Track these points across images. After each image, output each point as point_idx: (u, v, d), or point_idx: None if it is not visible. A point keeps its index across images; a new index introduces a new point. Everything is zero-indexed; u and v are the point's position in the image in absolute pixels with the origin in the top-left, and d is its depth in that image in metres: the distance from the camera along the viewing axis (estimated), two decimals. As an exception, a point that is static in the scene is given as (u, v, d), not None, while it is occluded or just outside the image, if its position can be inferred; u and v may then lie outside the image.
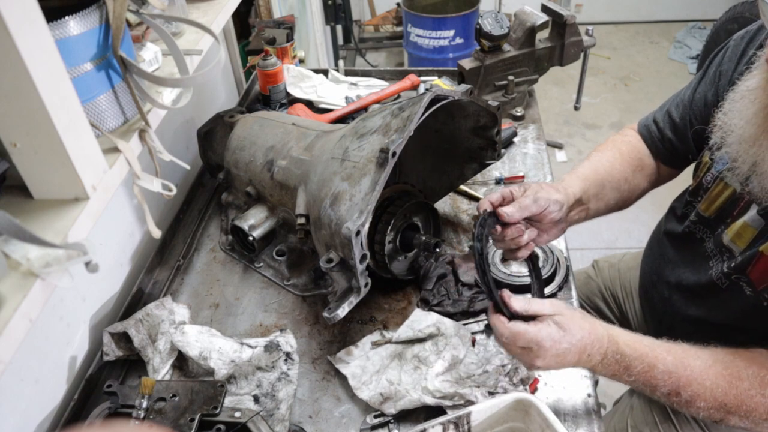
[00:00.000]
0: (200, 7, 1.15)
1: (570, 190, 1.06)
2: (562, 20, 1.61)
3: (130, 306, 1.19)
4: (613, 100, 3.96)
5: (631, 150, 1.19)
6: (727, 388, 0.85)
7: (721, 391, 0.85)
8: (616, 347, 0.87)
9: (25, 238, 0.61)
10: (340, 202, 0.97)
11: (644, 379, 0.87)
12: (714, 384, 0.86)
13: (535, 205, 0.98)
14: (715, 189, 1.01)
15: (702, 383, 0.86)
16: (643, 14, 4.79)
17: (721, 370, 0.87)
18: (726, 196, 0.98)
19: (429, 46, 3.51)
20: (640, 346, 0.88)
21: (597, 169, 1.13)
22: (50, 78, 0.63)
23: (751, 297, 0.93)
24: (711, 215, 1.02)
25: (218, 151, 1.40)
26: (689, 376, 0.86)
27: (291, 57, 1.87)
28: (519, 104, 1.69)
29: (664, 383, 0.87)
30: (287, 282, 1.24)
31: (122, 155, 0.79)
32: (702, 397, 0.86)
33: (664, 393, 0.88)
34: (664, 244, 1.17)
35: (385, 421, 0.97)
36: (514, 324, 0.86)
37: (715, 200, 1.01)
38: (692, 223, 1.07)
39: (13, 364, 0.91)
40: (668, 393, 0.87)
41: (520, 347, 0.86)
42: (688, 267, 1.08)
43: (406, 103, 1.02)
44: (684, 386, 0.86)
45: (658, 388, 0.87)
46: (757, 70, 0.85)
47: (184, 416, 0.90)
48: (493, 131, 1.19)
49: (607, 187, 1.13)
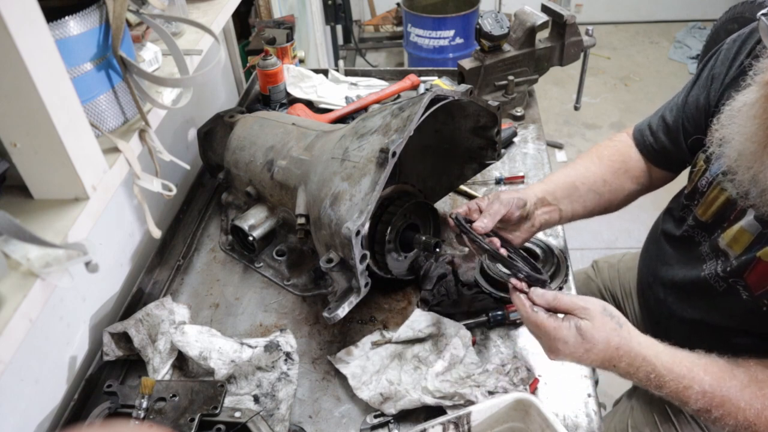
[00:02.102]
0: (200, 7, 1.16)
1: (530, 191, 1.11)
2: (562, 20, 1.61)
3: (130, 306, 1.19)
4: (613, 100, 3.96)
5: (613, 153, 1.20)
6: (760, 409, 0.84)
7: (754, 412, 0.84)
8: (653, 368, 0.85)
9: (25, 238, 0.61)
10: (340, 202, 0.97)
11: (676, 396, 0.86)
12: (748, 405, 0.85)
13: (503, 206, 1.02)
14: (711, 194, 1.01)
15: (736, 404, 0.85)
16: (643, 14, 4.79)
17: (756, 391, 0.85)
18: (722, 201, 0.98)
19: (429, 46, 3.51)
20: (679, 368, 0.85)
21: (567, 173, 1.17)
22: (50, 78, 0.63)
23: (749, 301, 0.93)
24: (708, 220, 1.02)
25: (218, 151, 1.40)
26: (724, 396, 0.85)
27: (291, 57, 1.87)
28: (519, 104, 1.69)
29: (696, 401, 0.85)
30: (287, 282, 1.24)
31: (122, 155, 0.79)
32: (733, 416, 0.85)
33: (694, 409, 0.87)
34: (661, 245, 1.17)
35: (385, 421, 0.97)
36: (534, 312, 0.85)
37: (711, 205, 1.01)
38: (690, 228, 1.07)
39: (13, 364, 0.91)
40: (698, 410, 0.86)
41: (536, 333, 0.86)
42: (682, 266, 1.08)
43: (406, 103, 1.02)
44: (717, 406, 0.85)
45: (690, 404, 0.86)
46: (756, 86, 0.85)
47: (184, 416, 0.90)
48: (493, 131, 1.19)
49: (581, 189, 1.14)
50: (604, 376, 2.19)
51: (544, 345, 0.86)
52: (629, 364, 0.84)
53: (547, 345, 0.85)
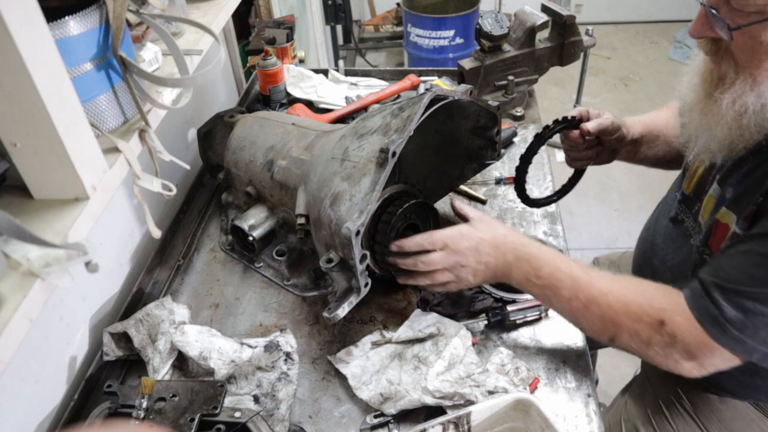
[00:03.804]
0: (200, 7, 1.16)
1: (632, 129, 1.21)
2: (562, 20, 1.61)
3: (130, 306, 1.19)
4: (613, 100, 3.96)
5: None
6: (624, 303, 0.89)
7: (618, 302, 0.89)
8: (528, 250, 0.97)
9: (25, 238, 0.61)
10: (340, 202, 0.97)
11: (550, 282, 0.93)
12: (613, 296, 0.89)
13: (611, 125, 1.16)
14: (693, 166, 1.06)
15: (599, 289, 0.90)
16: (643, 14, 4.79)
17: (621, 288, 0.90)
18: (701, 172, 1.03)
19: (429, 46, 3.51)
20: (550, 253, 0.97)
21: (656, 121, 1.26)
22: (50, 78, 0.63)
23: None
24: (691, 193, 1.06)
25: (218, 151, 1.40)
26: (589, 281, 0.91)
27: (291, 57, 1.87)
28: (519, 104, 1.69)
29: (566, 286, 0.92)
30: (287, 282, 1.24)
31: (122, 155, 0.79)
32: (597, 303, 0.90)
33: (565, 297, 0.92)
34: (655, 231, 1.19)
35: (385, 421, 0.97)
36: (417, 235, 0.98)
37: (693, 177, 1.06)
38: (678, 204, 1.11)
39: (13, 364, 0.91)
40: (569, 298, 0.92)
41: (443, 268, 0.98)
42: (673, 250, 1.10)
43: (406, 103, 1.02)
44: (583, 289, 0.91)
45: (561, 290, 0.92)
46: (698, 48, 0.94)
47: (184, 416, 0.90)
48: (493, 131, 1.19)
49: (660, 139, 1.24)
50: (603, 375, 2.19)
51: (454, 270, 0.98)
52: (517, 257, 0.96)
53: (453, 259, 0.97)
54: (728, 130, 0.87)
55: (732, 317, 0.81)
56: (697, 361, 0.85)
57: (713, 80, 0.90)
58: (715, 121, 0.89)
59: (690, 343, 0.84)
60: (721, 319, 0.82)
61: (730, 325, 0.81)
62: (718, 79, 0.88)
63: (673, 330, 0.85)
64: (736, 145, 0.88)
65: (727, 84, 0.86)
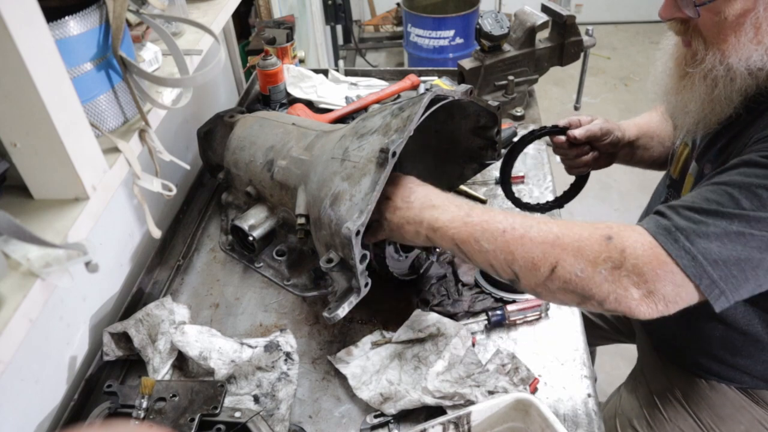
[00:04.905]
0: (200, 7, 1.15)
1: (627, 132, 1.23)
2: (562, 20, 1.61)
3: (130, 306, 1.19)
4: (613, 100, 3.96)
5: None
6: (568, 226, 0.83)
7: (561, 226, 0.83)
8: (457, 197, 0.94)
9: (25, 238, 0.61)
10: (340, 202, 0.97)
11: (483, 219, 0.86)
12: (554, 223, 0.84)
13: (599, 131, 1.18)
14: (679, 150, 1.08)
15: (540, 219, 0.85)
16: (643, 14, 4.79)
17: (564, 221, 0.86)
18: (686, 155, 1.04)
19: (429, 46, 3.51)
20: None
21: (650, 123, 1.27)
22: (50, 78, 0.63)
23: None
24: (677, 177, 1.08)
25: (218, 151, 1.40)
26: (525, 215, 0.88)
27: (291, 57, 1.87)
28: (519, 104, 1.69)
29: (501, 220, 0.85)
30: (287, 282, 1.24)
31: (122, 155, 0.79)
32: (537, 228, 0.83)
33: (499, 230, 0.84)
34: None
35: (385, 421, 0.97)
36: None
37: (678, 161, 1.08)
38: (667, 189, 1.12)
39: (13, 364, 0.91)
40: (503, 229, 0.84)
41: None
42: None
43: (406, 103, 1.02)
44: (520, 220, 0.85)
45: (495, 224, 0.85)
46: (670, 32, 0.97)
47: (184, 416, 0.90)
48: (493, 131, 1.19)
49: (655, 140, 1.25)
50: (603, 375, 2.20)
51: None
52: (448, 199, 0.91)
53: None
54: (701, 104, 0.90)
55: (683, 226, 0.77)
56: (647, 286, 0.77)
57: (687, 61, 0.93)
58: (689, 97, 0.92)
59: (639, 257, 0.77)
60: (672, 228, 0.78)
61: (681, 233, 0.77)
62: (691, 58, 0.91)
63: (622, 244, 0.78)
64: (709, 120, 0.91)
65: (698, 60, 0.89)
